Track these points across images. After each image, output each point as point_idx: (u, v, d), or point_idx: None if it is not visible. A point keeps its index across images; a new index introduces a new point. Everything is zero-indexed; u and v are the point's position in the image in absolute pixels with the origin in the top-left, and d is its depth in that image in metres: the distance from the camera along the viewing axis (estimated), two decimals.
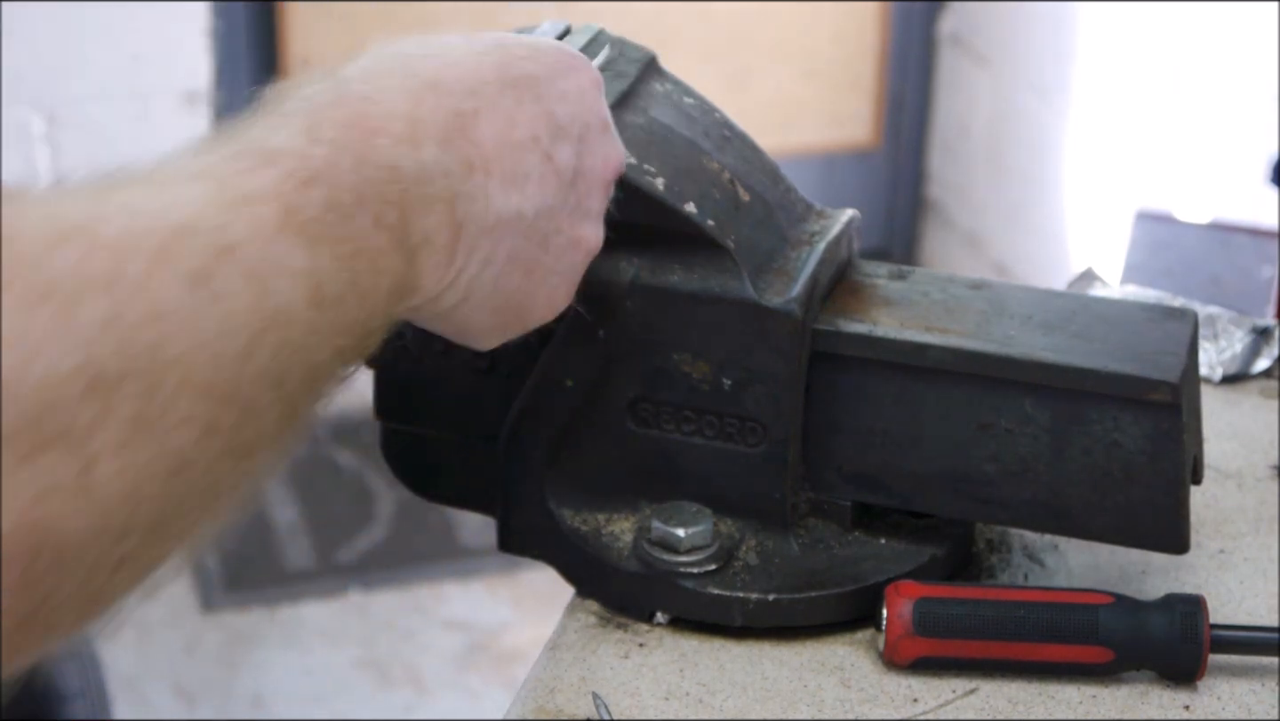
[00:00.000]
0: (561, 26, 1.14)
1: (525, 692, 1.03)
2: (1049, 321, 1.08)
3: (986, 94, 3.51)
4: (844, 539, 1.10)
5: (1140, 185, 3.01)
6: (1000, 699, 1.04)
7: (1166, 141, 2.98)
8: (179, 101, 3.16)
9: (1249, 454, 1.26)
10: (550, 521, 1.11)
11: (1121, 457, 1.04)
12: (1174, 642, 1.03)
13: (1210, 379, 1.34)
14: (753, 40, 3.50)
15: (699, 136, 1.09)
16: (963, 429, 1.06)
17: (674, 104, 1.11)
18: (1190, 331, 1.07)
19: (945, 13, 3.60)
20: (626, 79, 1.10)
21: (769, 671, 1.05)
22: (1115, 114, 3.12)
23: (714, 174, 1.08)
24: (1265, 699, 1.04)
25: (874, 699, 1.03)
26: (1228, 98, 2.83)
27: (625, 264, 1.06)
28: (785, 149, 3.44)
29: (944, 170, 3.69)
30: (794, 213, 1.12)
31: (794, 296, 1.06)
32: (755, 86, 3.52)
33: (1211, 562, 1.15)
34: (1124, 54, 3.10)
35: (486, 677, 2.85)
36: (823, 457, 1.09)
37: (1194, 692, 1.05)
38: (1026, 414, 1.05)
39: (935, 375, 1.06)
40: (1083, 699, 1.04)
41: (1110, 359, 1.04)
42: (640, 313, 1.06)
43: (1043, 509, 1.06)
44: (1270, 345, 1.35)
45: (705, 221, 1.05)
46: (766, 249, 1.08)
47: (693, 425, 1.08)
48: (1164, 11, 2.98)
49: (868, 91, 3.62)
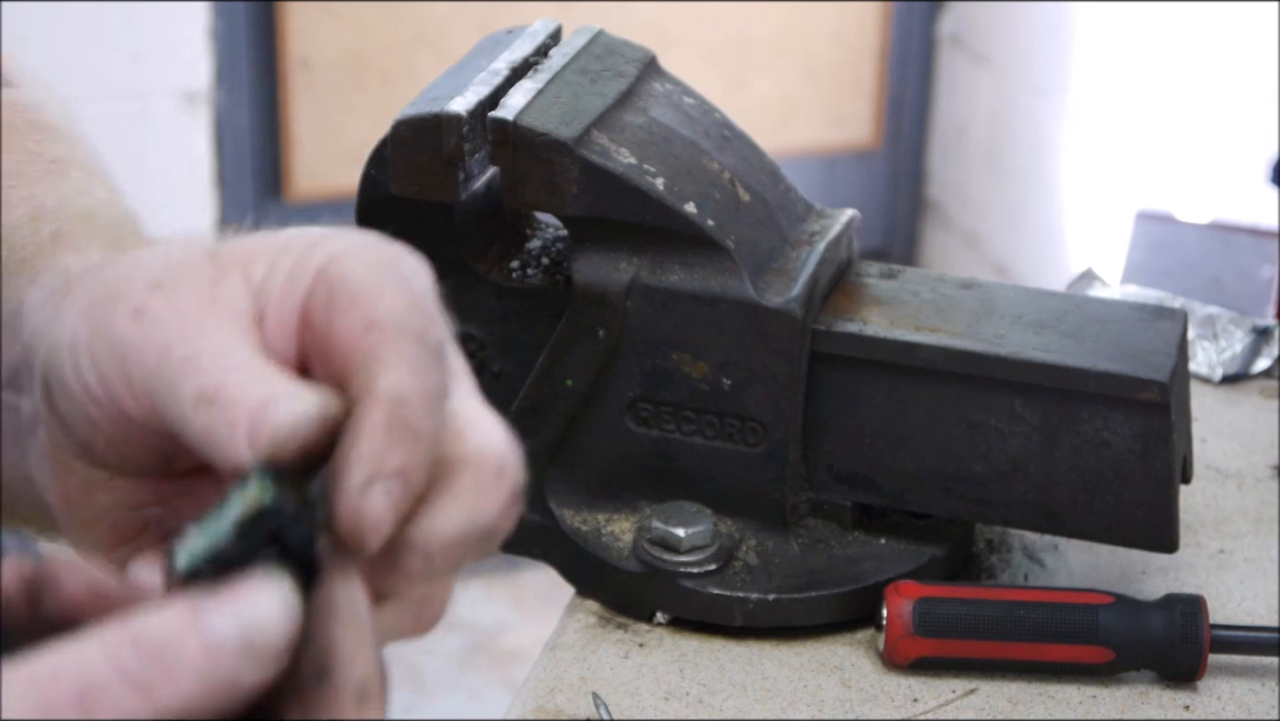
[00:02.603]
0: (553, 25, 1.14)
1: (525, 692, 1.03)
2: (1039, 321, 1.08)
3: (986, 94, 3.51)
4: (844, 539, 1.10)
5: (1140, 185, 3.01)
6: (1000, 699, 1.04)
7: (1166, 141, 2.98)
8: (179, 101, 3.16)
9: (1249, 454, 1.26)
10: (550, 521, 1.11)
11: (1111, 457, 1.04)
12: (1174, 642, 1.03)
13: (1210, 379, 1.34)
14: (753, 40, 3.50)
15: (699, 136, 1.09)
16: (953, 428, 1.06)
17: (674, 104, 1.11)
18: (1180, 331, 1.07)
19: (945, 13, 3.60)
20: (626, 79, 1.10)
21: (769, 671, 1.05)
22: (1115, 114, 3.12)
23: (714, 174, 1.08)
24: (1265, 699, 1.04)
25: (874, 699, 1.03)
26: (1228, 98, 2.83)
27: (625, 264, 1.06)
28: (785, 149, 3.44)
29: (944, 170, 3.69)
30: (794, 213, 1.12)
31: (794, 296, 1.06)
32: (755, 86, 3.52)
33: (1211, 562, 1.15)
34: (1123, 54, 3.10)
35: (486, 677, 2.85)
36: (814, 456, 1.09)
37: (1194, 692, 1.05)
38: (1016, 413, 1.05)
39: (925, 374, 1.06)
40: (1083, 699, 1.04)
41: (1100, 358, 1.04)
42: (640, 312, 1.06)
43: (1033, 508, 1.06)
44: (1270, 345, 1.35)
45: (705, 221, 1.05)
46: (766, 249, 1.08)
47: (693, 425, 1.08)
48: (1164, 11, 2.98)
49: (868, 91, 3.62)
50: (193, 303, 0.62)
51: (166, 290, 0.62)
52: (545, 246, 1.13)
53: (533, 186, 1.05)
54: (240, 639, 0.53)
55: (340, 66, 3.26)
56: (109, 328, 0.62)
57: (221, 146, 3.23)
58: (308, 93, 3.26)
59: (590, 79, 1.09)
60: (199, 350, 0.60)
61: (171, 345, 0.61)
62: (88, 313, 0.63)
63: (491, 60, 1.10)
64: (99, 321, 0.63)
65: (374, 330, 0.60)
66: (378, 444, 0.58)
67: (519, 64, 1.10)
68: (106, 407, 0.63)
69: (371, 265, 0.61)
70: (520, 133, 1.04)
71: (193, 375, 0.60)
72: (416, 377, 0.59)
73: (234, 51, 3.20)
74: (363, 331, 0.60)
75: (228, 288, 0.62)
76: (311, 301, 0.61)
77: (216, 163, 3.23)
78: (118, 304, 0.62)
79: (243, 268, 0.63)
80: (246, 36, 3.21)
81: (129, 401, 0.62)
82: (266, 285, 0.62)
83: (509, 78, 1.09)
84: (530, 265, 1.12)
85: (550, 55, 1.11)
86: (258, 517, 0.55)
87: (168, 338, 0.61)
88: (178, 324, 0.61)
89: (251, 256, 0.63)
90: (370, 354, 0.59)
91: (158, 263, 0.64)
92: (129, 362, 0.62)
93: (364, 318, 0.60)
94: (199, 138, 3.19)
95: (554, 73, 1.09)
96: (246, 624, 0.53)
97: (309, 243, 0.63)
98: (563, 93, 1.07)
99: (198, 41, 3.14)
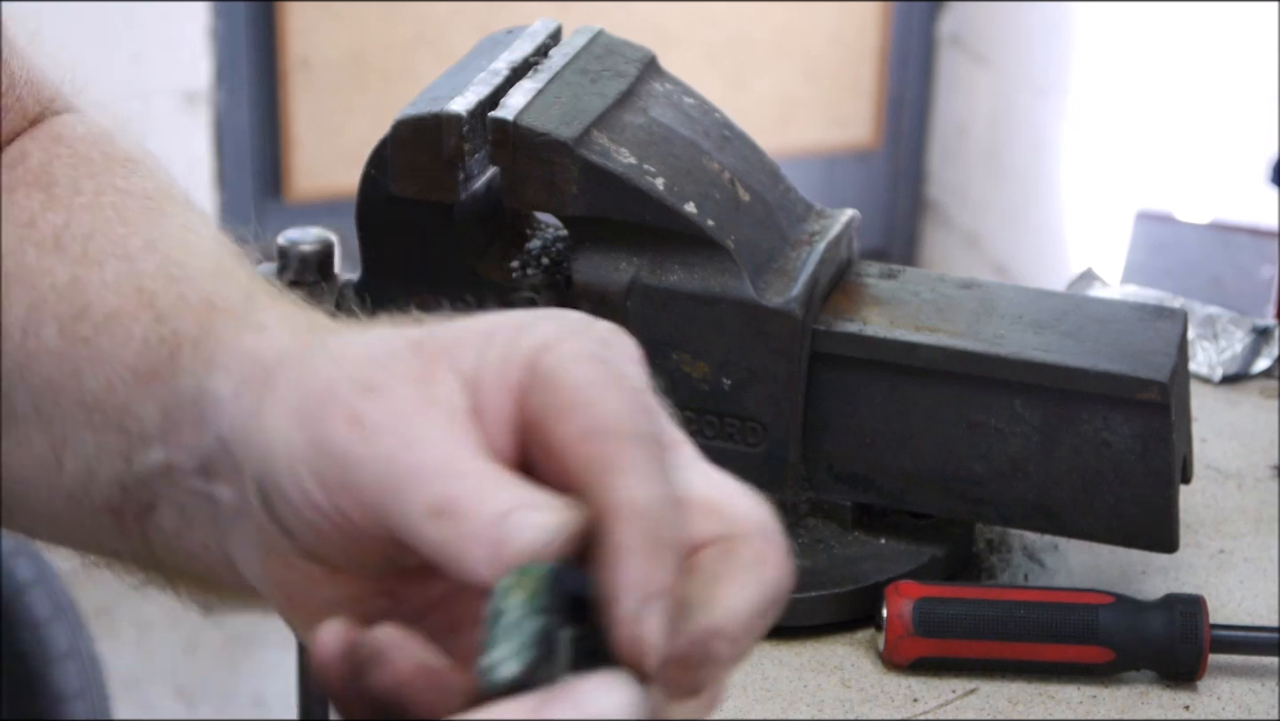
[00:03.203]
0: (553, 25, 1.14)
1: None
2: (1039, 321, 1.08)
3: (986, 94, 3.51)
4: (844, 539, 1.10)
5: (1140, 185, 3.02)
6: (1000, 699, 1.04)
7: (1166, 141, 2.98)
8: (179, 101, 3.16)
9: (1249, 454, 1.26)
10: None
11: (1111, 457, 1.04)
12: (1174, 642, 1.03)
13: (1210, 379, 1.34)
14: (753, 40, 3.50)
15: (699, 136, 1.09)
16: (953, 428, 1.06)
17: (674, 104, 1.11)
18: (1180, 331, 1.07)
19: (945, 13, 3.60)
20: (626, 79, 1.10)
21: (769, 671, 1.05)
22: (1115, 114, 3.12)
23: (714, 174, 1.08)
24: (1265, 699, 1.04)
25: (874, 699, 1.03)
26: (1228, 98, 2.83)
27: (625, 264, 1.06)
28: (785, 149, 3.44)
29: (944, 170, 3.69)
30: (794, 213, 1.12)
31: (794, 296, 1.06)
32: (755, 86, 3.52)
33: (1211, 562, 1.15)
34: (1124, 54, 3.10)
35: None
36: (814, 456, 1.09)
37: (1194, 692, 1.05)
38: (1016, 413, 1.05)
39: (925, 374, 1.06)
40: (1083, 699, 1.04)
41: (1100, 358, 1.04)
42: (640, 313, 1.06)
43: (1033, 508, 1.06)
44: (1270, 345, 1.35)
45: (705, 221, 1.05)
46: (766, 249, 1.08)
47: (693, 425, 1.08)
48: (1164, 11, 2.98)
49: (868, 91, 3.62)
50: (408, 403, 0.60)
51: (379, 392, 0.61)
52: (545, 246, 1.13)
53: (533, 186, 1.05)
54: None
55: (340, 66, 3.27)
56: (326, 437, 0.61)
57: (221, 146, 3.23)
58: (308, 93, 3.26)
59: (590, 79, 1.09)
60: (425, 459, 0.59)
61: (396, 455, 0.59)
62: (300, 419, 0.62)
63: (491, 60, 1.10)
64: (314, 430, 0.61)
65: (600, 438, 0.59)
66: (639, 565, 0.58)
67: (519, 64, 1.10)
68: (333, 516, 0.61)
69: (585, 361, 0.61)
70: (520, 133, 1.04)
71: (422, 486, 0.59)
72: (654, 486, 0.59)
73: (234, 51, 3.20)
74: (588, 438, 0.59)
75: (440, 383, 0.61)
76: (528, 399, 0.61)
77: (216, 163, 3.23)
78: (331, 410, 0.61)
79: (450, 358, 0.62)
80: (246, 36, 3.21)
81: (355, 512, 0.61)
82: (477, 376, 0.61)
83: (509, 78, 1.09)
84: (530, 265, 1.12)
85: (550, 55, 1.11)
86: (547, 633, 0.57)
87: (391, 447, 0.60)
88: (398, 431, 0.60)
89: (457, 345, 0.62)
90: (602, 463, 0.59)
91: (361, 356, 0.62)
92: (352, 474, 0.60)
93: (587, 424, 0.60)
94: (199, 138, 3.19)
95: (554, 73, 1.09)
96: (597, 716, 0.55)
97: (515, 328, 0.62)
98: (563, 93, 1.07)
99: (198, 41, 3.14)
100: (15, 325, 0.72)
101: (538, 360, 0.61)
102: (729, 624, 0.60)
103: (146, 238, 0.74)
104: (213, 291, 0.70)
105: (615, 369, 0.61)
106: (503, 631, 0.56)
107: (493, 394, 0.61)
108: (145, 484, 0.69)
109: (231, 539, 0.67)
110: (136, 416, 0.69)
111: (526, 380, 0.61)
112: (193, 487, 0.67)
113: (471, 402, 0.61)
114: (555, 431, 0.60)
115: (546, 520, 0.58)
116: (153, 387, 0.68)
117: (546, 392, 0.60)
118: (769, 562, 0.62)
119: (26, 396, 0.72)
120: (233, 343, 0.67)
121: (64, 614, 2.11)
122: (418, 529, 0.59)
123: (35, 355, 0.72)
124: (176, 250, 0.74)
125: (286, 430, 0.62)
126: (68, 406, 0.71)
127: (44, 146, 0.79)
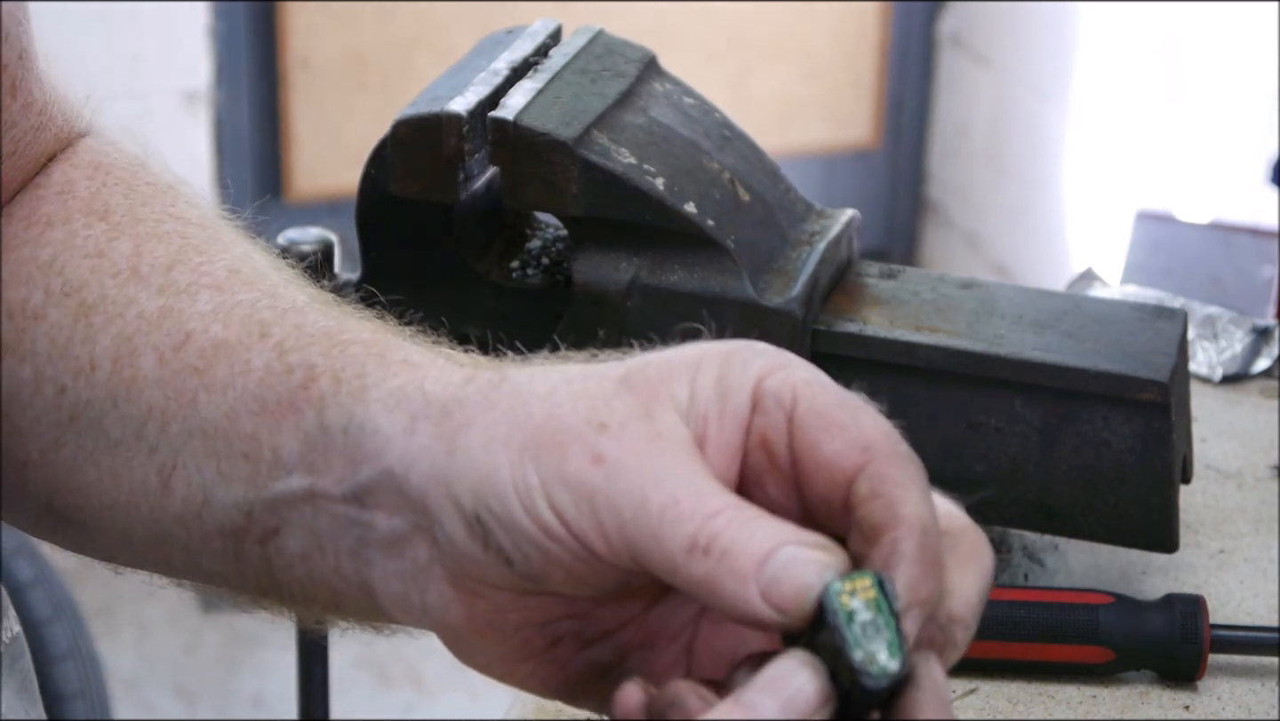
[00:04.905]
0: (553, 25, 1.14)
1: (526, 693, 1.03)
2: (1039, 321, 1.08)
3: (986, 94, 3.51)
4: None
5: (1140, 185, 3.01)
6: (1000, 699, 1.04)
7: (1166, 141, 2.98)
8: (179, 101, 3.16)
9: (1249, 454, 1.26)
10: None
11: (1111, 457, 1.04)
12: (1174, 642, 1.03)
13: (1210, 379, 1.34)
14: (753, 40, 3.50)
15: (699, 136, 1.09)
16: (952, 428, 1.06)
17: (674, 104, 1.11)
18: (1180, 331, 1.07)
19: (945, 13, 3.60)
20: (626, 79, 1.09)
21: None
22: (1115, 114, 3.12)
23: (714, 174, 1.08)
24: (1265, 699, 1.04)
25: None
26: (1228, 98, 2.83)
27: (625, 264, 1.06)
28: (785, 149, 3.44)
29: (944, 170, 3.69)
30: (794, 213, 1.12)
31: (794, 296, 1.06)
32: (755, 86, 3.52)
33: (1211, 562, 1.15)
34: (1124, 55, 3.10)
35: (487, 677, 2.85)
36: None
37: (1194, 692, 1.05)
38: (1016, 413, 1.05)
39: (925, 374, 1.06)
40: (1083, 699, 1.04)
41: (1100, 358, 1.04)
42: (640, 312, 1.06)
43: (1033, 508, 1.06)
44: (1270, 345, 1.35)
45: (705, 221, 1.05)
46: (766, 249, 1.08)
47: None
48: (1164, 12, 2.98)
49: (868, 91, 3.63)
50: (642, 441, 0.63)
51: (613, 430, 0.63)
52: (545, 246, 1.13)
53: (533, 186, 1.05)
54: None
55: (340, 66, 3.27)
56: (567, 473, 0.63)
57: (221, 146, 3.23)
58: (308, 93, 3.26)
59: (590, 79, 1.09)
60: (676, 495, 0.62)
61: (646, 492, 0.62)
62: (530, 455, 0.63)
63: (491, 60, 1.10)
64: (551, 466, 0.63)
65: (872, 453, 0.65)
66: (915, 573, 0.62)
67: (519, 64, 1.10)
68: (572, 547, 0.63)
69: (817, 384, 0.65)
70: (520, 133, 1.04)
71: (678, 523, 0.61)
72: (929, 504, 0.64)
73: (234, 51, 3.20)
74: (859, 453, 0.64)
75: (663, 420, 0.63)
76: (765, 422, 0.64)
77: (216, 163, 3.23)
78: (567, 448, 0.63)
79: (666, 392, 0.64)
80: (246, 36, 3.21)
81: (599, 544, 0.63)
82: (695, 407, 0.64)
83: (509, 78, 1.09)
84: (530, 265, 1.12)
85: (550, 55, 1.11)
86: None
87: (640, 484, 0.62)
88: (642, 468, 0.62)
89: (666, 378, 0.64)
90: (880, 477, 0.64)
91: (577, 394, 0.64)
92: (599, 509, 0.62)
93: (857, 438, 0.65)
94: (199, 138, 3.19)
95: (554, 73, 1.09)
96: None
97: (720, 357, 0.65)
98: (563, 93, 1.07)
99: (198, 41, 3.14)
100: (105, 355, 0.73)
101: (763, 385, 0.64)
102: (965, 610, 0.64)
103: (227, 266, 0.75)
104: (323, 322, 0.71)
105: (844, 392, 0.66)
106: (863, 632, 0.60)
107: (716, 424, 0.64)
108: (274, 510, 0.69)
109: (375, 566, 0.68)
110: (269, 445, 0.69)
111: (761, 406, 0.64)
112: (340, 514, 0.68)
113: (693, 433, 0.64)
114: (819, 448, 0.64)
115: (824, 559, 0.61)
116: (288, 417, 0.69)
117: (796, 415, 0.64)
118: (984, 555, 0.66)
119: (121, 424, 0.72)
120: (383, 377, 0.68)
121: (64, 614, 2.11)
122: (677, 565, 0.61)
123: (132, 384, 0.72)
124: (261, 280, 0.74)
125: (510, 464, 0.63)
126: (177, 434, 0.71)
127: (88, 175, 0.80)
